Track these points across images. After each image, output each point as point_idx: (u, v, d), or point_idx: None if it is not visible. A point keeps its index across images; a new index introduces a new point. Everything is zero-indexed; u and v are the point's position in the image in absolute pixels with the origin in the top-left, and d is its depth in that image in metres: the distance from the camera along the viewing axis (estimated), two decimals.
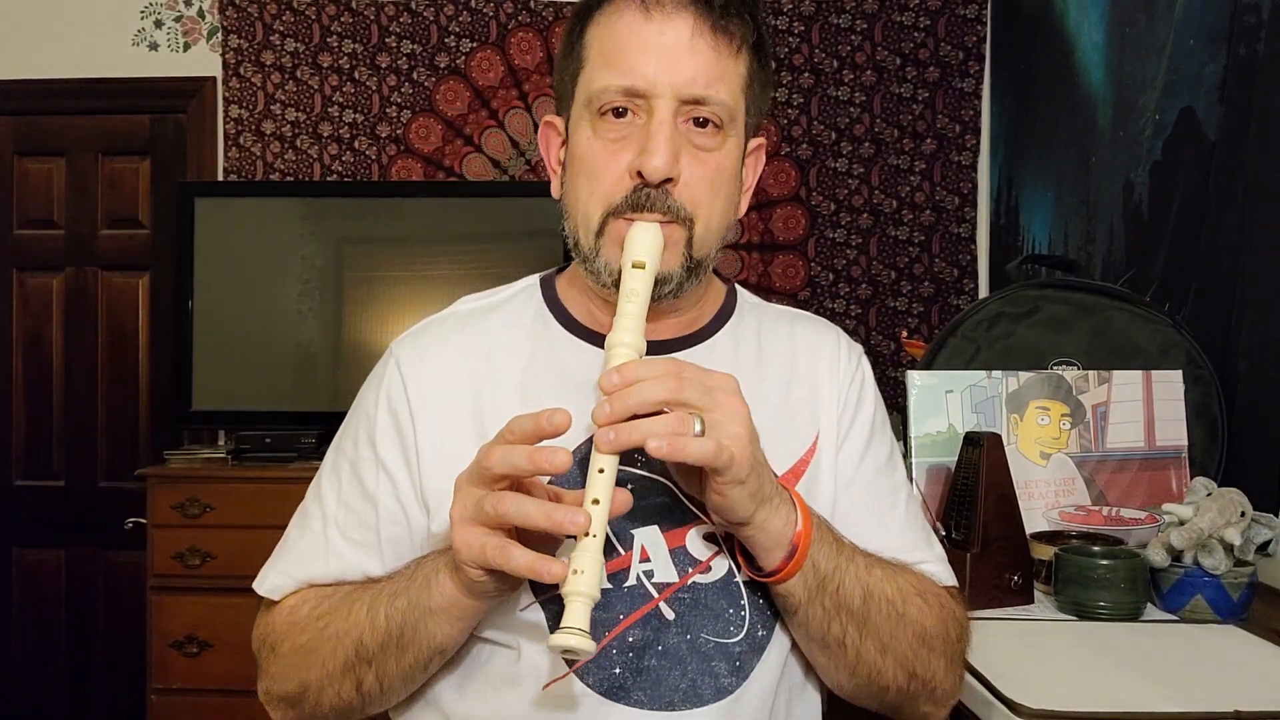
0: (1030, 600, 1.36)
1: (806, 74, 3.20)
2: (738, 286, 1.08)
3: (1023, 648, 1.19)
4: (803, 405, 0.99)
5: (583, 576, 0.76)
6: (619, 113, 0.90)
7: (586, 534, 0.77)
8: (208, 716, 2.71)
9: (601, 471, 0.79)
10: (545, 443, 0.78)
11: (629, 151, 0.90)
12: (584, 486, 0.80)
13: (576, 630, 0.75)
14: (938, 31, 3.19)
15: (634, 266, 0.87)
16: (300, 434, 2.88)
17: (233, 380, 3.00)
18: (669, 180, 0.89)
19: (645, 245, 0.88)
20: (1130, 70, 2.14)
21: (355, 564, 0.95)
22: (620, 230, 0.90)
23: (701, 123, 0.90)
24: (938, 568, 1.00)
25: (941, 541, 1.37)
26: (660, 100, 0.88)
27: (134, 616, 3.04)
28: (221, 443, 3.17)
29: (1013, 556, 1.34)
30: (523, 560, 0.76)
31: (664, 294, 0.91)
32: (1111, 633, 1.24)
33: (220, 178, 3.24)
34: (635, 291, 0.86)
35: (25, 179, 3.31)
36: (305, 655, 0.92)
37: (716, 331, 1.01)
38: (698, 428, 0.78)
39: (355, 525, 0.96)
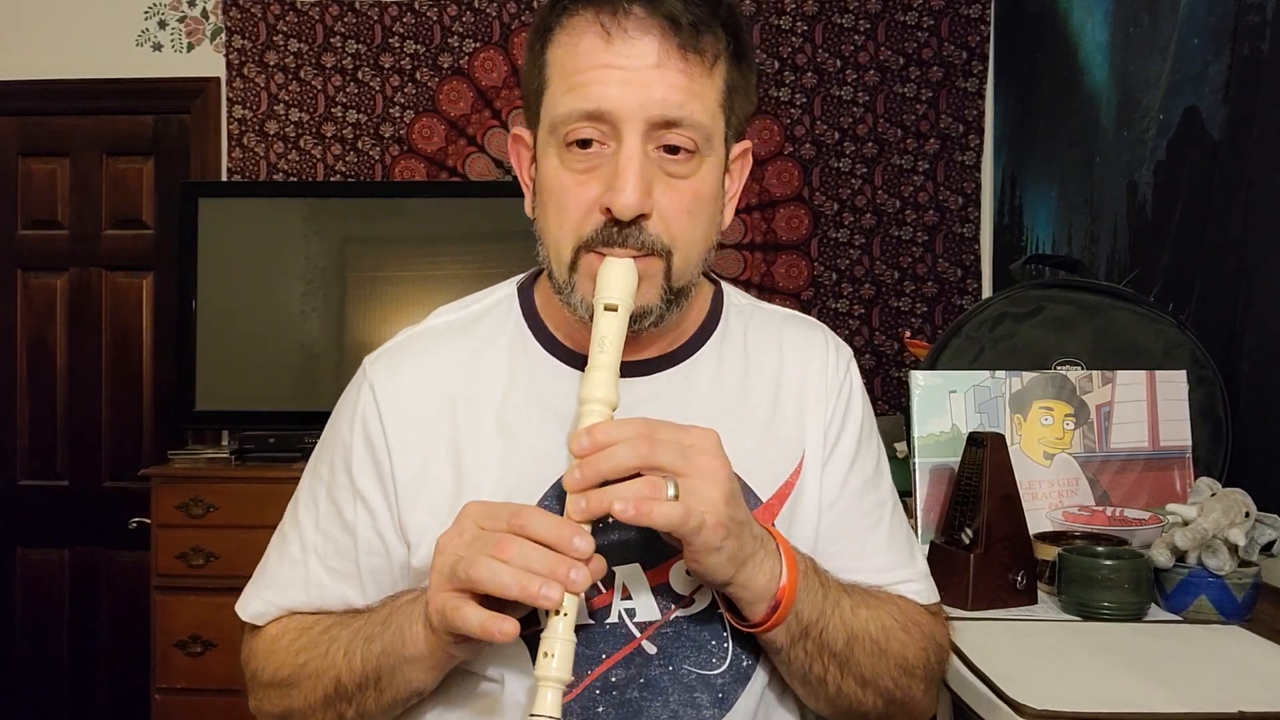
0: (1034, 601, 1.35)
1: (809, 74, 3.19)
2: (726, 287, 1.03)
3: (1026, 648, 1.19)
4: (789, 422, 0.96)
5: (553, 661, 0.75)
6: (585, 144, 0.84)
7: (557, 612, 0.75)
8: (211, 716, 2.71)
9: None
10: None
11: (597, 184, 0.84)
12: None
13: (547, 718, 0.74)
14: (941, 31, 3.18)
15: (606, 309, 0.83)
16: (303, 434, 2.88)
17: (236, 380, 3.00)
18: (642, 215, 0.84)
19: (618, 285, 0.83)
20: (1134, 69, 2.13)
21: (336, 594, 0.94)
22: (593, 265, 0.85)
23: (673, 149, 0.84)
24: (920, 586, 0.98)
25: (946, 543, 1.37)
26: (628, 126, 0.82)
27: (137, 616, 3.04)
28: (225, 443, 3.18)
29: (1016, 557, 1.34)
30: (474, 620, 0.75)
31: (645, 327, 0.87)
32: (1115, 633, 1.23)
33: (224, 178, 3.25)
34: (607, 339, 0.82)
35: (29, 179, 3.32)
36: (287, 688, 0.92)
37: (700, 348, 0.97)
38: (671, 492, 0.75)
39: (334, 555, 0.94)
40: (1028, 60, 2.86)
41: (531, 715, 0.74)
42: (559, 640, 0.75)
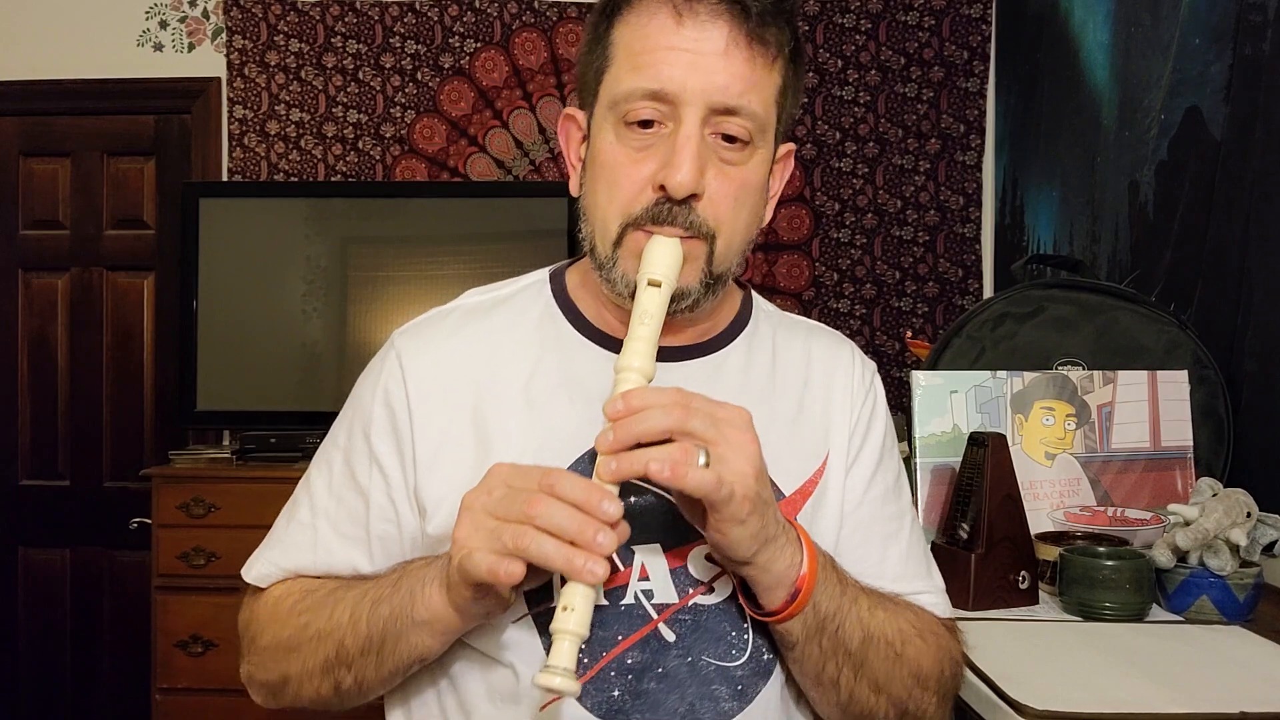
0: (1035, 601, 1.35)
1: (811, 74, 3.19)
2: (754, 293, 1.05)
3: (1027, 648, 1.19)
4: (815, 422, 0.97)
5: (573, 614, 0.75)
6: (645, 124, 0.86)
7: None
8: (212, 716, 2.71)
9: None
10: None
11: (653, 161, 0.86)
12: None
13: (561, 670, 0.74)
14: (942, 31, 3.18)
15: (650, 284, 0.85)
16: (305, 434, 2.88)
17: (237, 380, 3.00)
18: (693, 196, 0.85)
19: (664, 262, 0.85)
20: (1135, 70, 2.13)
21: (344, 558, 0.94)
22: (639, 242, 0.87)
23: (729, 138, 0.87)
24: (936, 599, 0.99)
25: (947, 544, 1.37)
26: (689, 109, 0.84)
27: (139, 616, 3.04)
28: (226, 443, 3.18)
29: (1018, 557, 1.34)
30: (483, 564, 0.74)
31: (681, 309, 0.88)
32: (1117, 633, 1.23)
33: (225, 178, 3.25)
34: (649, 313, 0.84)
35: (31, 179, 3.32)
36: (286, 651, 0.91)
37: (730, 341, 0.98)
38: (702, 459, 0.76)
39: (345, 519, 0.95)
40: (1029, 60, 2.86)
41: (546, 666, 0.74)
42: (579, 596, 0.75)
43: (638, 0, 0.88)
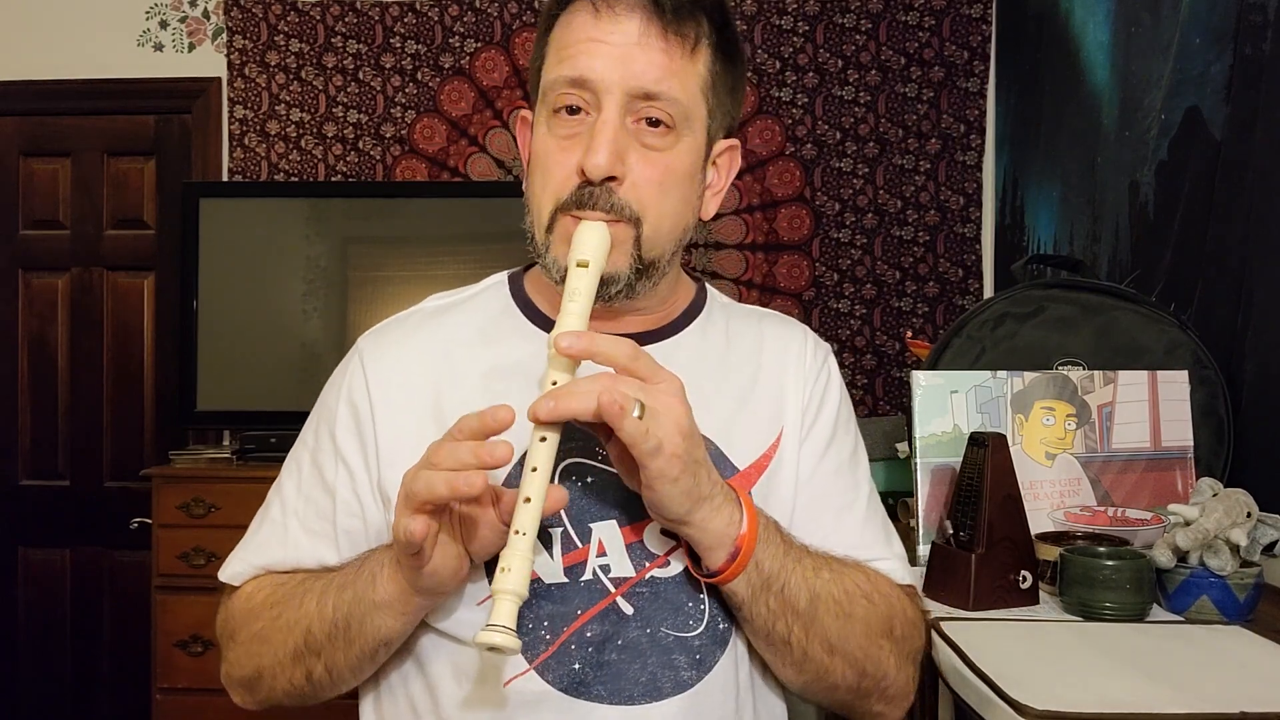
0: (1035, 601, 1.35)
1: (811, 74, 3.19)
2: (709, 286, 1.09)
3: (1027, 648, 1.19)
4: (768, 401, 1.00)
5: (510, 575, 0.77)
6: (572, 110, 0.90)
7: (516, 532, 0.78)
8: (212, 716, 2.71)
9: (535, 470, 0.79)
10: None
11: (578, 149, 0.90)
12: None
13: (501, 628, 0.76)
14: (942, 31, 3.18)
15: (578, 265, 0.88)
16: None
17: (237, 380, 3.01)
18: (613, 179, 0.89)
19: (590, 244, 0.88)
20: (1135, 69, 2.13)
21: (312, 553, 0.97)
22: (568, 227, 0.91)
23: (654, 122, 0.90)
24: (894, 565, 1.01)
25: (947, 541, 1.37)
26: (609, 96, 0.89)
27: (139, 616, 3.05)
28: (226, 443, 3.18)
29: (1018, 557, 1.34)
30: (399, 527, 0.78)
31: (613, 294, 0.91)
32: (1117, 633, 1.23)
33: (225, 178, 3.25)
34: (578, 290, 0.86)
35: (31, 179, 3.32)
36: (259, 643, 0.94)
37: (684, 328, 1.02)
38: (636, 412, 0.78)
39: (314, 515, 0.98)
40: (1029, 60, 2.85)
41: (488, 625, 0.76)
42: (517, 557, 0.77)
43: (570, 3, 0.93)
